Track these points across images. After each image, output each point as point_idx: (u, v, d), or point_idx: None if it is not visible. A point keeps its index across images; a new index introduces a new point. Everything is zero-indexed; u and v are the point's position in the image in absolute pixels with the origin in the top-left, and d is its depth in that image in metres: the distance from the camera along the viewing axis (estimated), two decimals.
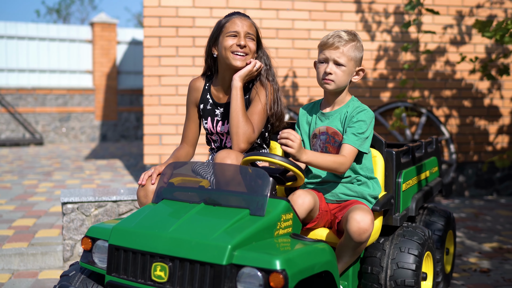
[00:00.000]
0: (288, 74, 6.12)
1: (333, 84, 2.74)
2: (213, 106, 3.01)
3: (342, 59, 2.70)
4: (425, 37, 6.32)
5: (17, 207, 5.47)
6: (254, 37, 2.91)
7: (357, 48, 2.74)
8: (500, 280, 3.74)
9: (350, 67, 2.73)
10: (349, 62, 2.72)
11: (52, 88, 12.26)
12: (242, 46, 2.85)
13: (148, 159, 6.05)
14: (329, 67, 2.72)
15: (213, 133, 3.02)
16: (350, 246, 2.57)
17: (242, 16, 2.94)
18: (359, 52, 2.75)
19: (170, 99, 6.01)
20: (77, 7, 29.26)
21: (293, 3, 6.13)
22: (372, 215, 2.57)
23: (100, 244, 2.34)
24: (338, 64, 2.71)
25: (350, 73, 2.75)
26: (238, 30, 2.87)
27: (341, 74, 2.71)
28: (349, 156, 2.66)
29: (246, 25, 2.89)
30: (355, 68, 2.76)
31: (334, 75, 2.72)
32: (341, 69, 2.71)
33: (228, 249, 2.05)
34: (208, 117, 3.02)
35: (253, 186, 2.40)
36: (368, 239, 2.55)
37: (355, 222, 2.50)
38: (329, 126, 2.79)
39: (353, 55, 2.72)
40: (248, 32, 2.88)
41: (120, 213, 4.06)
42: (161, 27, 5.98)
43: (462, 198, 6.54)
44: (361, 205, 2.65)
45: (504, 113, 6.59)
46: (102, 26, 12.66)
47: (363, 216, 2.51)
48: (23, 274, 3.87)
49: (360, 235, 2.50)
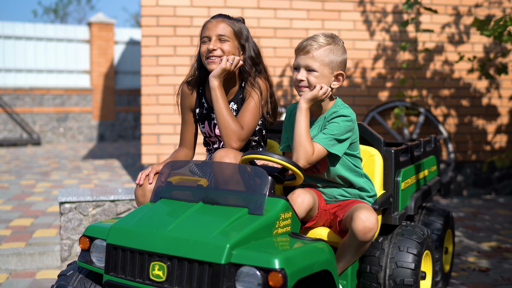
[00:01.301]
0: (285, 73, 6.11)
1: (307, 91, 2.61)
2: (208, 110, 3.00)
3: (314, 64, 2.58)
4: (423, 36, 6.31)
5: (14, 207, 5.45)
6: (228, 38, 2.86)
7: (333, 51, 2.60)
8: (499, 279, 3.74)
9: (324, 72, 2.58)
10: (323, 67, 2.58)
11: (50, 88, 12.25)
12: (211, 50, 2.84)
13: (146, 159, 6.04)
14: (299, 74, 2.61)
15: (212, 136, 3.01)
16: (354, 245, 2.55)
17: (217, 18, 2.90)
18: (336, 56, 2.61)
19: (168, 98, 6.00)
20: (74, 7, 29.25)
21: (291, 2, 6.12)
22: (376, 214, 2.56)
23: (98, 243, 2.33)
24: (310, 70, 2.59)
25: (325, 78, 2.60)
26: (208, 35, 2.87)
27: (314, 80, 2.58)
28: (316, 152, 2.56)
29: (219, 27, 2.86)
30: (333, 73, 2.62)
31: (305, 82, 2.61)
32: (313, 75, 2.59)
33: (226, 248, 2.04)
34: (205, 121, 3.01)
35: (251, 185, 2.40)
36: (372, 238, 2.53)
37: (361, 221, 2.48)
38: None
39: (328, 60, 2.58)
40: (219, 34, 2.85)
41: (118, 213, 4.05)
42: (159, 26, 5.97)
43: (460, 197, 6.54)
44: (364, 204, 2.64)
45: (503, 112, 6.59)
46: (99, 26, 12.64)
47: (369, 215, 2.49)
48: (21, 274, 3.85)
49: (365, 234, 2.49)
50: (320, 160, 2.64)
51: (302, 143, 2.55)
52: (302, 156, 2.54)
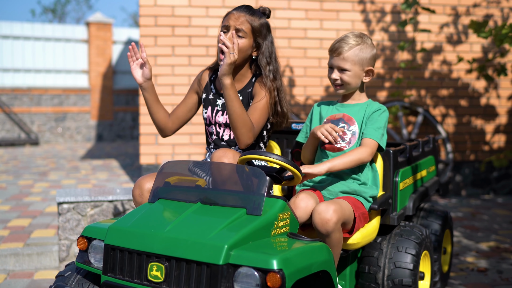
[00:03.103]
0: (284, 73, 6.10)
1: (342, 88, 2.83)
2: (215, 96, 3.03)
3: (346, 65, 2.77)
4: (421, 36, 6.31)
5: (12, 207, 5.44)
6: (245, 34, 2.88)
7: (362, 50, 2.78)
8: (497, 279, 3.74)
9: (356, 70, 2.78)
10: (354, 66, 2.77)
11: (48, 88, 12.23)
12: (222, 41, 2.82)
13: (144, 159, 6.03)
14: (334, 74, 2.81)
15: (212, 123, 3.02)
16: (324, 240, 2.51)
17: (240, 11, 2.90)
18: (366, 54, 2.79)
19: (166, 98, 5.99)
20: (72, 7, 29.17)
21: (289, 2, 6.12)
22: (337, 205, 2.51)
23: (96, 244, 2.32)
24: (343, 70, 2.78)
25: (357, 75, 2.80)
26: (227, 24, 2.89)
27: (347, 79, 2.79)
28: (370, 146, 2.72)
29: (239, 21, 2.87)
30: (364, 69, 2.81)
31: (340, 81, 2.81)
32: (346, 74, 2.78)
33: (224, 248, 2.03)
34: (209, 107, 3.04)
35: (250, 185, 2.39)
36: (335, 229, 2.47)
37: (317, 214, 2.49)
38: (346, 114, 2.84)
39: (358, 58, 2.77)
40: (237, 28, 2.86)
41: (116, 213, 4.04)
42: (157, 26, 5.96)
43: (459, 197, 6.54)
44: (333, 200, 2.63)
45: (501, 112, 6.59)
46: (97, 25, 12.63)
47: (325, 207, 2.48)
48: (19, 275, 3.85)
49: (324, 226, 2.46)
50: (350, 137, 2.79)
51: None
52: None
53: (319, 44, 6.17)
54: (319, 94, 6.24)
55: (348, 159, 2.68)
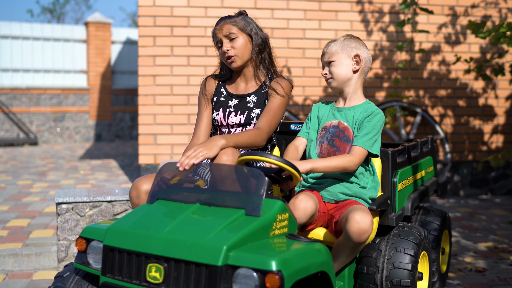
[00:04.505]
0: (283, 74, 6.11)
1: (333, 81, 2.83)
2: (227, 97, 3.07)
3: (332, 57, 2.82)
4: (420, 37, 6.32)
5: (11, 207, 5.44)
6: (236, 34, 2.99)
7: (345, 41, 2.83)
8: (495, 280, 3.74)
9: (341, 59, 2.80)
10: (337, 55, 2.80)
11: (47, 88, 12.22)
12: (226, 51, 2.99)
13: (143, 159, 6.04)
14: (323, 70, 2.87)
15: (223, 125, 3.03)
16: (349, 246, 2.56)
17: (220, 23, 3.03)
18: (351, 42, 2.82)
19: (165, 98, 6.00)
20: (71, 7, 29.17)
21: (288, 2, 6.12)
22: (371, 216, 2.57)
23: (95, 245, 2.32)
24: (330, 62, 2.82)
25: (345, 64, 2.80)
26: (219, 39, 3.02)
27: (335, 69, 2.80)
28: (358, 155, 2.70)
29: (224, 29, 2.99)
30: (350, 55, 2.80)
31: (329, 74, 2.84)
32: (333, 65, 2.81)
33: (223, 249, 2.04)
34: (220, 109, 3.06)
35: (248, 186, 2.39)
36: (367, 240, 2.54)
37: (355, 223, 2.49)
38: (341, 121, 2.83)
39: (342, 46, 2.80)
40: (225, 35, 2.99)
41: (115, 214, 4.04)
42: (156, 26, 5.96)
43: (457, 197, 6.55)
44: (361, 206, 2.65)
45: (499, 112, 6.60)
46: (96, 25, 12.62)
47: (363, 217, 2.50)
48: (18, 275, 3.85)
49: (360, 236, 2.50)
50: (337, 142, 2.79)
51: (340, 167, 2.69)
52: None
53: (317, 44, 6.18)
54: (317, 94, 6.24)
55: (332, 165, 2.65)
